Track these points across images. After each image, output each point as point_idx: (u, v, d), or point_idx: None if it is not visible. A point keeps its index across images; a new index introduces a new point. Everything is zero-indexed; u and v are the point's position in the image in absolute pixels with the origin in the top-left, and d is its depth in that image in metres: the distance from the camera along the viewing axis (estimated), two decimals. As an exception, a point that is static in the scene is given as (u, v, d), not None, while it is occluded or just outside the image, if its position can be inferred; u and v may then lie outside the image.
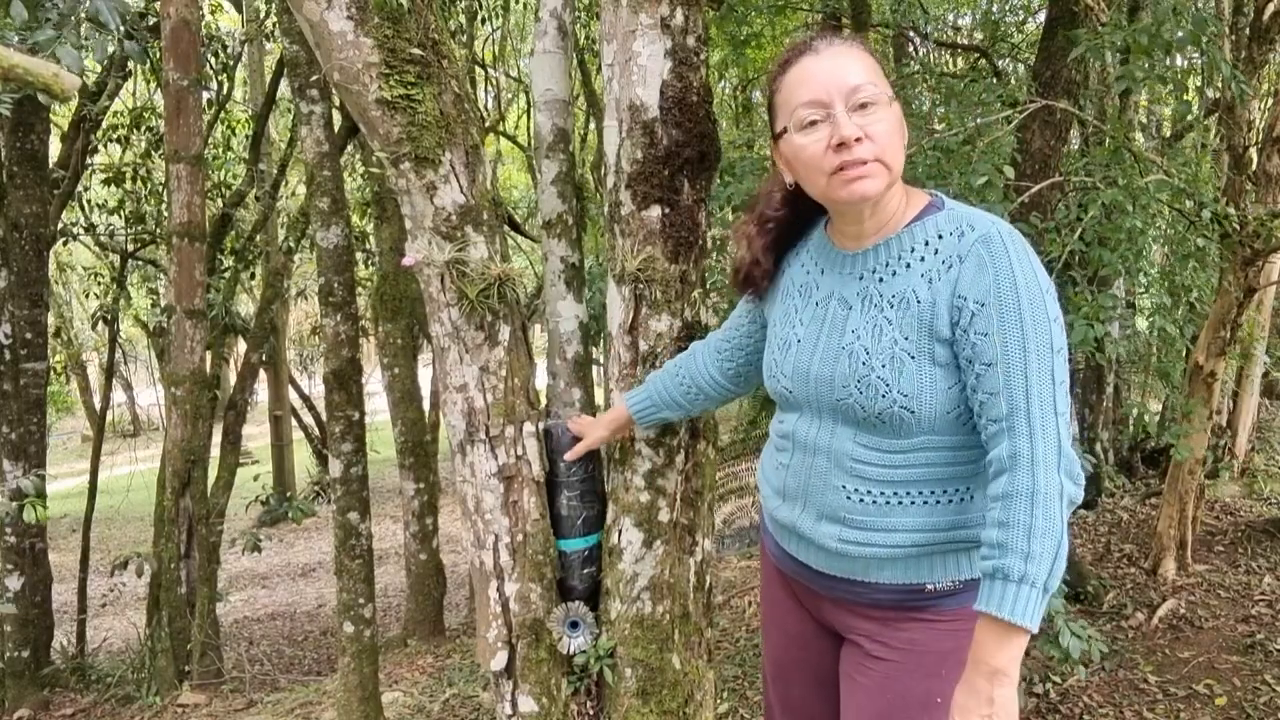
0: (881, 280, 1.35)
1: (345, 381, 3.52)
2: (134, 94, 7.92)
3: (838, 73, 1.28)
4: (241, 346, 7.26)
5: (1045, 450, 1.19)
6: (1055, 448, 1.19)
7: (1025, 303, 1.22)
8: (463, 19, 7.52)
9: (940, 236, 1.31)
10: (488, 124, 9.13)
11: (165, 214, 6.12)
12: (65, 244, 8.08)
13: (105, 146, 7.14)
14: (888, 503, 1.34)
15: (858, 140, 1.26)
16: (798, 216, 1.53)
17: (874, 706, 1.42)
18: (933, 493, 1.34)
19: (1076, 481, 1.22)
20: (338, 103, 3.80)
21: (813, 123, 1.30)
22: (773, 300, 1.55)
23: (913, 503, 1.34)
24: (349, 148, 7.01)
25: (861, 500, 1.35)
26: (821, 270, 1.45)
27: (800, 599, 1.58)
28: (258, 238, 7.48)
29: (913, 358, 1.29)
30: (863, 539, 1.36)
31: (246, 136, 8.11)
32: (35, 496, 4.00)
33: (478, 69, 8.85)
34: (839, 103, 1.27)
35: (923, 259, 1.31)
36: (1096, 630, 2.60)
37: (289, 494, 10.69)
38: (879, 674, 1.41)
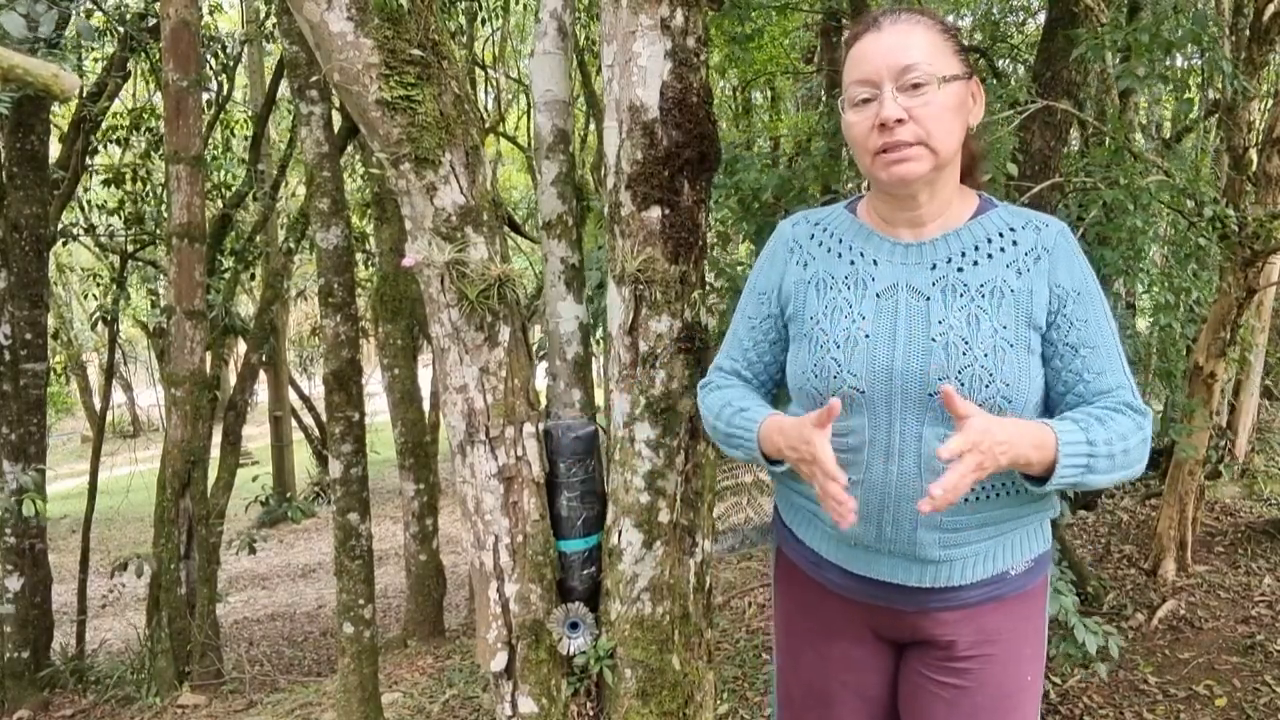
0: (962, 270, 1.33)
1: (345, 382, 3.52)
2: (134, 95, 7.92)
3: (893, 52, 1.27)
4: (241, 347, 7.24)
5: (1147, 418, 1.31)
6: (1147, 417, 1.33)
7: (1097, 288, 1.34)
8: (463, 20, 7.52)
9: (1013, 229, 1.34)
10: (488, 125, 9.13)
11: (165, 215, 6.12)
12: (65, 245, 8.07)
13: (105, 147, 7.14)
14: (978, 499, 1.33)
15: (899, 122, 1.25)
16: None
17: (980, 702, 1.40)
18: (1013, 482, 1.33)
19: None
20: (338, 103, 3.80)
21: (864, 100, 1.29)
22: (796, 297, 1.44)
23: (997, 495, 1.34)
24: (349, 148, 7.00)
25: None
26: (874, 261, 1.37)
27: (861, 619, 1.49)
28: (258, 238, 7.47)
29: (1011, 346, 1.30)
30: (962, 539, 1.34)
31: (246, 137, 8.11)
32: (34, 491, 3.99)
33: (478, 70, 8.84)
34: (888, 82, 1.26)
35: (1003, 250, 1.33)
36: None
37: (289, 495, 10.68)
38: (976, 672, 1.40)
